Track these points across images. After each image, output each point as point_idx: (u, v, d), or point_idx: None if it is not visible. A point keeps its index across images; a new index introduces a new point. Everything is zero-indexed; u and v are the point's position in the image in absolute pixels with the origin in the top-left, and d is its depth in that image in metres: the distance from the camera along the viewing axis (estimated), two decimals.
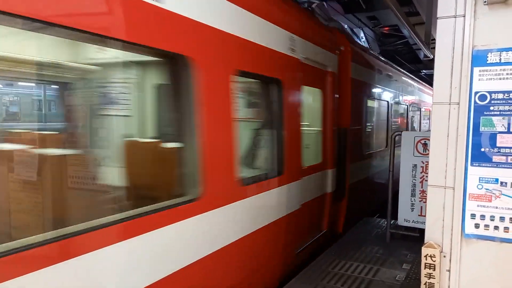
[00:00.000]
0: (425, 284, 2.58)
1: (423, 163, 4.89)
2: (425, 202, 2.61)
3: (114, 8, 2.24)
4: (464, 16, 2.37)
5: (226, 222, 3.24)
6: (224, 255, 3.21)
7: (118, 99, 3.27)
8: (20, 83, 6.73)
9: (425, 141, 4.82)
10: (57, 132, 3.91)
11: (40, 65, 3.24)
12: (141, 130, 4.11)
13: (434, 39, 2.50)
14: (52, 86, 4.92)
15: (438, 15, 2.44)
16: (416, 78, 12.22)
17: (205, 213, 2.95)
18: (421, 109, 12.19)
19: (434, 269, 2.53)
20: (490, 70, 2.35)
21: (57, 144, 3.28)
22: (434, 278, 2.54)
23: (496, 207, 2.40)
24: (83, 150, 3.35)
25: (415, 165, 4.97)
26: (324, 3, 8.33)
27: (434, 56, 2.52)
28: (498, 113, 2.35)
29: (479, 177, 2.42)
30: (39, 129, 4.55)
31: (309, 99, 5.12)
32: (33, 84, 5.97)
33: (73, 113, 3.65)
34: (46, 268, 1.90)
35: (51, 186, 2.86)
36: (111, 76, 3.34)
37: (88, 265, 2.11)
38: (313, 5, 7.13)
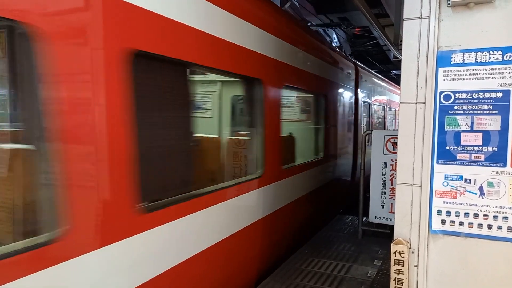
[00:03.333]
0: (394, 280, 2.63)
1: (393, 161, 5.00)
2: (395, 199, 2.66)
3: None
4: (429, 18, 2.44)
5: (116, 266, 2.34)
6: None
7: None
8: None
9: (394, 140, 4.93)
10: None
11: None
12: None
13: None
14: None
15: (404, 16, 2.50)
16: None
17: (74, 258, 2.04)
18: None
19: (403, 265, 2.59)
20: (454, 70, 2.43)
21: None
22: (403, 273, 2.60)
23: (461, 203, 2.47)
24: None
25: (385, 163, 5.08)
26: (296, 3, 8.41)
27: None
28: (462, 112, 2.42)
29: (445, 175, 2.49)
30: None
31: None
32: None
33: None
34: None
35: None
36: None
37: None
38: (286, 5, 7.18)
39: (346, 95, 7.44)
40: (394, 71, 18.01)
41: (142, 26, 2.48)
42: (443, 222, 2.52)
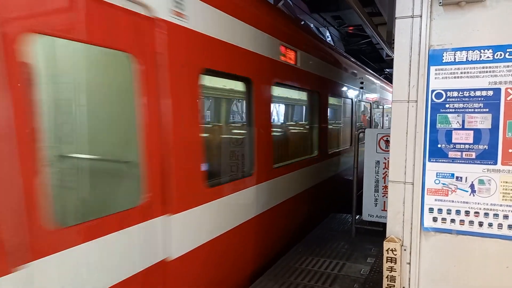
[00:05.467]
0: (387, 277, 2.65)
1: (386, 159, 5.02)
2: (388, 197, 2.67)
3: None
4: (421, 17, 2.45)
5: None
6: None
7: None
8: None
9: (387, 138, 4.94)
10: None
11: None
12: None
13: None
14: None
15: (396, 15, 2.50)
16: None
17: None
18: None
19: (395, 263, 2.61)
20: (446, 69, 2.44)
21: None
22: (395, 271, 2.61)
23: (452, 201, 2.49)
24: None
25: (378, 162, 5.09)
26: (290, 2, 8.40)
27: None
28: (453, 110, 2.44)
29: (436, 172, 2.51)
30: None
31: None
32: None
33: None
34: None
35: None
36: None
37: None
38: (279, 3, 7.17)
39: None
40: (387, 70, 18.09)
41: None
42: (435, 219, 2.54)
